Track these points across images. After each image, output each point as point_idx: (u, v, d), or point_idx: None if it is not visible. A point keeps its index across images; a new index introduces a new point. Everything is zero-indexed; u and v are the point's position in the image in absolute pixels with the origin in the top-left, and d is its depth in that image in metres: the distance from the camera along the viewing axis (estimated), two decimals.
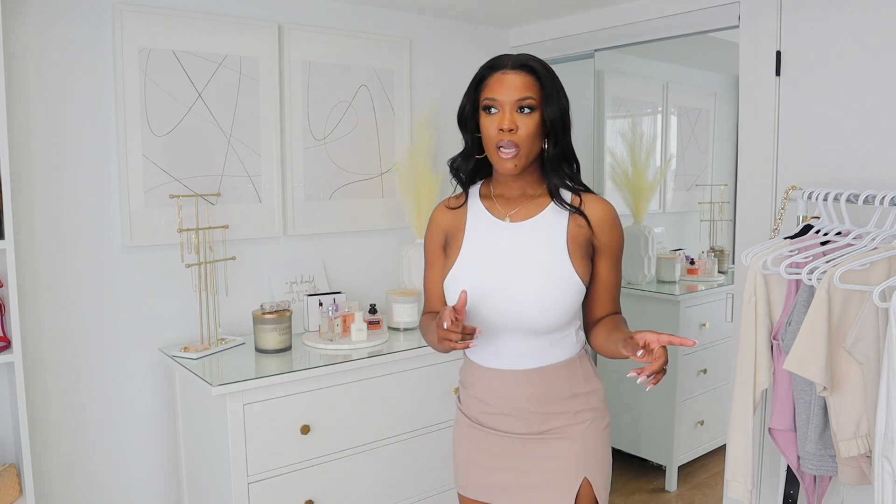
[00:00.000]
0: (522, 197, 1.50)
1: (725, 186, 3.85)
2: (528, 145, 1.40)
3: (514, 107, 1.39)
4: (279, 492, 2.02)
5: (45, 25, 2.02)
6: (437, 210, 1.61)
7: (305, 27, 2.48)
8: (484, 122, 1.42)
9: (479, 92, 1.45)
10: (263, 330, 2.21)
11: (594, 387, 1.52)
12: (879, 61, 1.86)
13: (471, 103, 1.47)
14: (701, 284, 3.47)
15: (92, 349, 2.17)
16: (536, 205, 1.49)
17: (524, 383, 1.48)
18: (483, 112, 1.43)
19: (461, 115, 1.50)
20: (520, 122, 1.39)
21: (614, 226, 1.50)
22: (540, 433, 1.49)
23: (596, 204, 1.49)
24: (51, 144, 2.06)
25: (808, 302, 1.63)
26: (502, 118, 1.39)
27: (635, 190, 3.41)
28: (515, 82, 1.39)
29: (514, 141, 1.39)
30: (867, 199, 1.68)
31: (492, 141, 1.41)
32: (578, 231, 1.46)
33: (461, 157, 1.54)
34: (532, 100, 1.39)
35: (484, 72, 1.44)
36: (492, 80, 1.41)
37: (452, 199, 1.59)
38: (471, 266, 1.48)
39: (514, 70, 1.40)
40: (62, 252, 2.10)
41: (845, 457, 1.61)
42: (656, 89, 3.69)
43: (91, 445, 2.19)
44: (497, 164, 1.43)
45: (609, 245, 1.49)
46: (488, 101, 1.41)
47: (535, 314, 1.42)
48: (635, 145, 3.40)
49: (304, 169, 2.53)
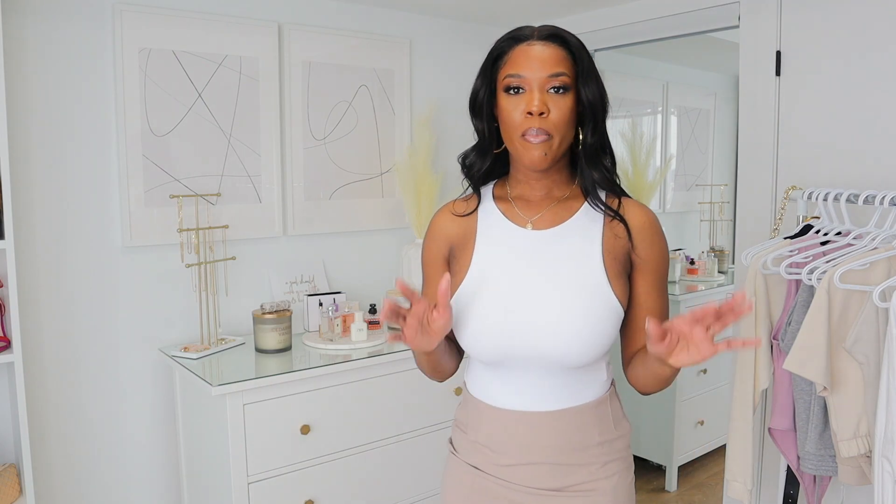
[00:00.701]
0: (547, 199, 1.24)
1: (725, 186, 3.86)
2: (561, 133, 1.15)
3: (543, 85, 1.13)
4: (279, 492, 2.02)
5: (45, 25, 2.02)
6: (440, 216, 1.31)
7: (305, 27, 2.48)
8: (505, 105, 1.16)
9: (497, 69, 1.18)
10: (263, 330, 2.21)
11: (624, 430, 1.28)
12: (879, 61, 1.86)
13: (487, 85, 1.20)
14: (701, 284, 3.47)
15: (92, 349, 2.17)
16: (565, 209, 1.23)
17: (546, 428, 1.21)
18: (504, 94, 1.17)
19: (474, 101, 1.24)
20: (551, 104, 1.13)
21: (658, 236, 1.23)
22: (559, 489, 1.22)
23: (636, 209, 1.23)
24: (51, 144, 2.06)
25: (808, 302, 1.63)
26: (530, 99, 1.13)
27: (635, 190, 3.41)
28: (544, 56, 1.13)
29: (544, 128, 1.13)
30: (867, 199, 1.68)
31: (516, 128, 1.15)
32: (615, 242, 1.20)
33: (475, 153, 1.27)
34: (566, 77, 1.13)
35: (504, 44, 1.18)
36: (515, 53, 1.15)
37: (460, 203, 1.30)
38: (484, 285, 1.20)
39: (543, 41, 1.15)
40: (62, 252, 2.10)
41: (845, 457, 1.61)
42: (656, 89, 3.69)
43: (91, 445, 2.19)
44: (522, 156, 1.17)
45: (651, 259, 1.21)
46: (511, 80, 1.15)
47: (564, 345, 1.15)
48: (635, 145, 3.41)
49: (304, 169, 2.53)
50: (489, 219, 1.26)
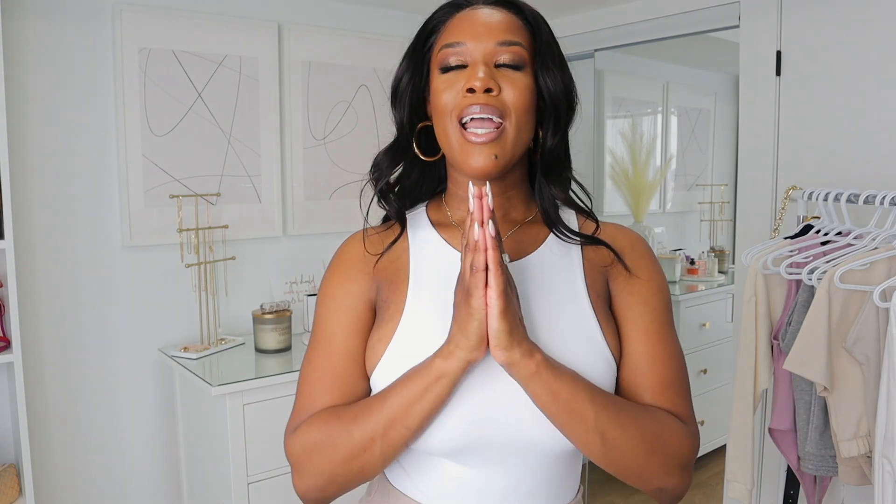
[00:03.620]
0: (504, 223, 0.90)
1: (725, 186, 3.86)
2: (516, 120, 0.83)
3: (491, 56, 0.83)
4: (279, 492, 2.02)
5: (44, 25, 2.02)
6: (348, 248, 0.93)
7: (305, 27, 2.48)
8: (438, 85, 0.85)
9: (430, 47, 0.89)
10: (263, 330, 2.21)
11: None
12: (880, 61, 1.86)
13: (414, 67, 0.89)
14: (701, 284, 3.47)
15: (92, 349, 2.17)
16: (528, 236, 0.90)
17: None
18: (438, 75, 0.86)
19: (396, 90, 0.91)
20: (502, 80, 0.83)
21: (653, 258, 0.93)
22: None
23: (616, 228, 0.94)
24: (51, 144, 2.06)
25: (808, 302, 1.63)
26: (472, 73, 0.82)
27: (635, 190, 3.41)
28: (493, 20, 0.84)
29: (494, 106, 0.81)
30: (867, 199, 1.67)
31: (451, 111, 0.83)
32: (597, 276, 0.89)
33: (388, 155, 0.93)
34: (521, 48, 0.84)
35: (439, 14, 0.89)
36: (453, 21, 0.87)
37: (375, 233, 0.93)
38: (426, 344, 0.81)
39: (491, 6, 0.87)
40: (62, 252, 2.10)
41: (845, 457, 1.61)
42: (656, 89, 3.69)
43: (91, 445, 2.19)
44: (463, 159, 0.83)
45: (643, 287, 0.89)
46: (448, 51, 0.84)
47: (549, 427, 0.80)
48: (635, 145, 3.41)
49: (303, 169, 2.52)
50: (426, 250, 0.89)
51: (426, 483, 0.87)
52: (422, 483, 0.87)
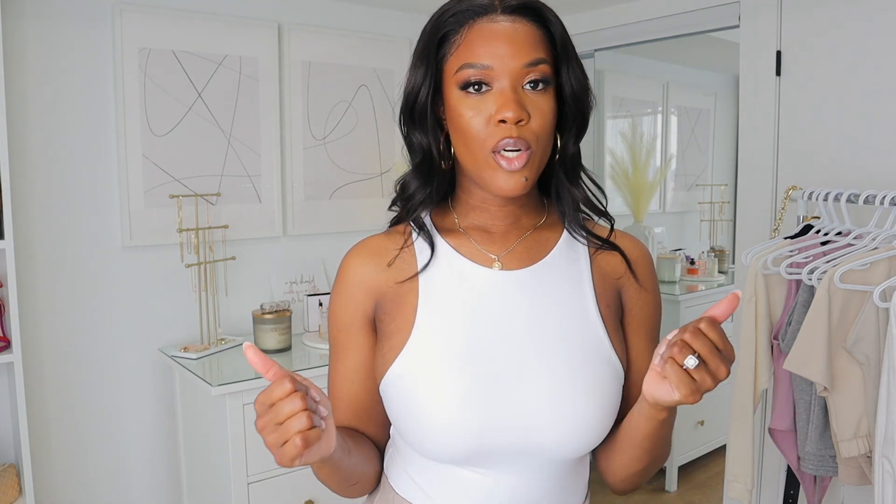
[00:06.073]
0: (515, 229, 0.90)
1: (725, 186, 3.86)
2: (542, 144, 0.82)
3: (518, 79, 0.80)
4: (279, 492, 2.02)
5: (44, 25, 2.02)
6: (353, 260, 0.91)
7: (305, 27, 2.48)
8: (461, 108, 0.82)
9: (443, 57, 0.84)
10: (263, 330, 2.21)
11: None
12: (880, 61, 1.86)
13: (430, 80, 0.84)
14: (701, 284, 3.47)
15: (92, 349, 2.17)
16: (537, 243, 0.91)
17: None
18: (457, 92, 0.82)
19: (412, 106, 0.87)
20: (531, 107, 0.80)
21: (653, 270, 0.96)
22: None
23: (628, 238, 0.95)
24: (51, 144, 2.06)
25: (808, 302, 1.63)
26: (502, 101, 0.79)
27: (635, 190, 3.41)
28: (517, 36, 0.80)
29: (525, 138, 0.80)
30: (867, 199, 1.67)
31: (482, 142, 0.81)
32: (605, 284, 0.90)
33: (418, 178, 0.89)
34: (546, 65, 0.81)
35: (451, 20, 0.83)
36: (470, 33, 0.81)
37: (381, 241, 0.92)
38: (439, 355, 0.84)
39: (511, 15, 0.82)
40: (62, 252, 2.10)
41: (845, 457, 1.61)
42: (656, 89, 3.69)
43: (91, 445, 2.19)
44: (491, 180, 0.82)
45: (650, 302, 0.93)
46: (470, 73, 0.80)
47: (567, 432, 0.82)
48: (635, 145, 3.41)
49: (303, 169, 2.52)
50: (436, 258, 0.89)
51: (433, 488, 0.88)
52: (429, 488, 0.88)
